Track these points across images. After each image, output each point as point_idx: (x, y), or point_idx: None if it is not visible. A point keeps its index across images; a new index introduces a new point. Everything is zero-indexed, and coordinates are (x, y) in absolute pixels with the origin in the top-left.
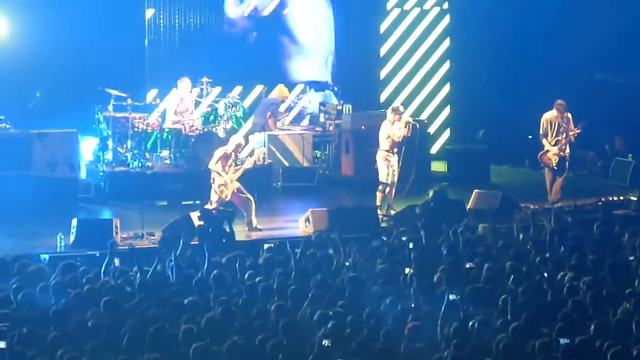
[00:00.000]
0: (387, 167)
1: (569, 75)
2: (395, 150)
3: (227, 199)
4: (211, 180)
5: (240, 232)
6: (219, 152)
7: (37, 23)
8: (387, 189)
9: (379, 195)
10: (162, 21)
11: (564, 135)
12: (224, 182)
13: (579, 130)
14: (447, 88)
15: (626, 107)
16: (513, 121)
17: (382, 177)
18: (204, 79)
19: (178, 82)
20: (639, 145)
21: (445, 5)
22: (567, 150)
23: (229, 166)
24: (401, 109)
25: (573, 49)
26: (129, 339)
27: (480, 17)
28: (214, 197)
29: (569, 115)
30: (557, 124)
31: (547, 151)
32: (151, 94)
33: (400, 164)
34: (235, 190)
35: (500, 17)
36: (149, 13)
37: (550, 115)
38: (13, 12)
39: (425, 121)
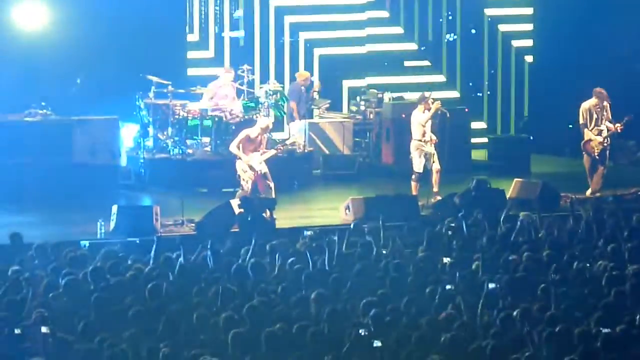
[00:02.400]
0: (420, 156)
1: (609, 64)
2: (429, 138)
3: (246, 183)
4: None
5: (281, 220)
6: (241, 135)
7: (78, 10)
8: (433, 176)
9: (413, 185)
10: (202, 9)
11: (605, 124)
12: (244, 166)
13: (622, 126)
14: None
15: None
16: (554, 110)
17: (415, 167)
18: (245, 67)
19: (220, 70)
20: None
21: None
22: (608, 140)
23: (254, 150)
24: (427, 96)
25: (614, 39)
26: (168, 326)
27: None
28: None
29: (608, 103)
30: (597, 112)
31: (590, 140)
32: (193, 81)
33: (437, 152)
34: (260, 175)
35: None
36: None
37: (589, 104)
38: (54, 0)
39: (466, 109)
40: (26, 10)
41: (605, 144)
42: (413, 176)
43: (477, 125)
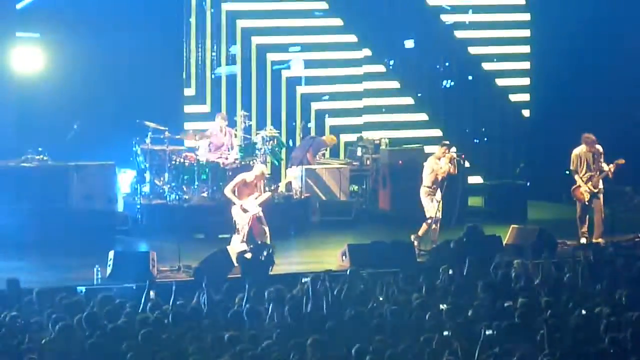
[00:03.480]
0: (432, 202)
1: (606, 112)
2: (438, 185)
3: (242, 228)
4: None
5: (279, 266)
6: (236, 179)
7: (75, 55)
8: (433, 224)
9: (424, 226)
10: (200, 54)
11: (598, 171)
12: (239, 210)
13: (613, 169)
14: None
15: None
16: (550, 156)
17: (429, 212)
18: (241, 113)
19: (216, 116)
20: None
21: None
22: (601, 186)
23: (249, 194)
24: (446, 145)
25: (611, 87)
26: None
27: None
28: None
29: (600, 148)
30: (587, 158)
31: (579, 186)
32: (189, 127)
33: (443, 199)
34: (255, 219)
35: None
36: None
37: (579, 150)
38: (51, 45)
39: (463, 156)
40: (23, 55)
41: (596, 190)
42: (428, 220)
43: (473, 171)
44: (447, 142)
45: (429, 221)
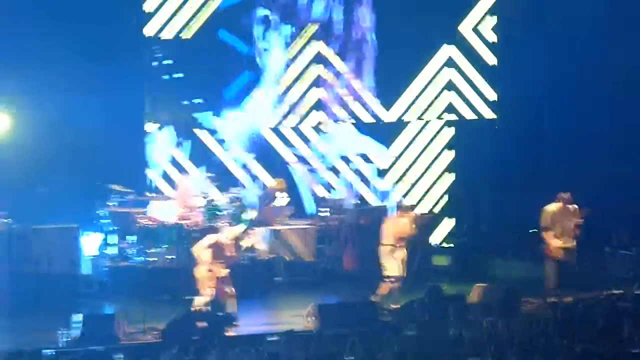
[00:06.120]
0: (392, 260)
1: (573, 167)
2: (400, 244)
3: (207, 290)
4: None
5: (243, 327)
6: (208, 239)
7: (39, 118)
8: (394, 283)
9: (384, 286)
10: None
11: (571, 228)
12: (203, 272)
13: (581, 220)
14: (450, 178)
15: (632, 200)
16: (514, 214)
17: (389, 271)
18: (205, 174)
19: (179, 179)
20: None
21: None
22: (574, 243)
23: (217, 256)
24: (407, 204)
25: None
26: None
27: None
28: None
29: (576, 207)
30: (562, 216)
31: (551, 243)
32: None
33: (407, 257)
34: (221, 280)
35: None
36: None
37: (554, 207)
38: (14, 108)
39: (428, 214)
40: None
41: (570, 247)
42: (387, 280)
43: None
44: (403, 203)
45: (387, 280)
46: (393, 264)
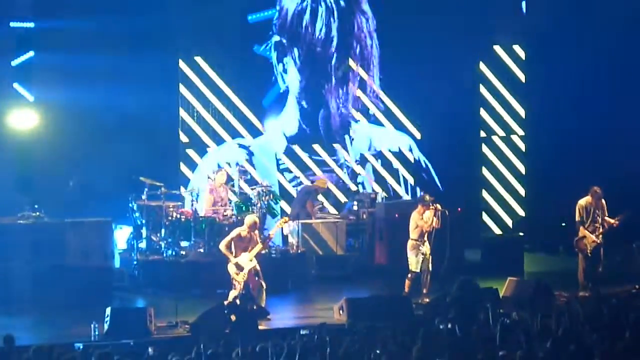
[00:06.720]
0: (416, 256)
1: (603, 164)
2: (425, 238)
3: (239, 284)
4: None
5: (276, 320)
6: (232, 234)
7: (70, 112)
8: (423, 277)
9: (407, 283)
10: (195, 113)
11: (600, 222)
12: (234, 267)
13: (618, 222)
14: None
15: None
16: (547, 208)
17: (411, 266)
18: (237, 167)
19: (212, 173)
20: None
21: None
22: (602, 238)
23: (245, 249)
24: (428, 199)
25: (610, 139)
26: None
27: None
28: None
29: (604, 202)
30: (592, 210)
31: (583, 237)
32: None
33: (431, 251)
34: (252, 273)
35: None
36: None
37: (584, 201)
38: (46, 102)
39: (460, 210)
40: (18, 113)
41: (599, 242)
42: (409, 275)
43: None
44: (426, 198)
45: (409, 275)
46: (415, 259)
